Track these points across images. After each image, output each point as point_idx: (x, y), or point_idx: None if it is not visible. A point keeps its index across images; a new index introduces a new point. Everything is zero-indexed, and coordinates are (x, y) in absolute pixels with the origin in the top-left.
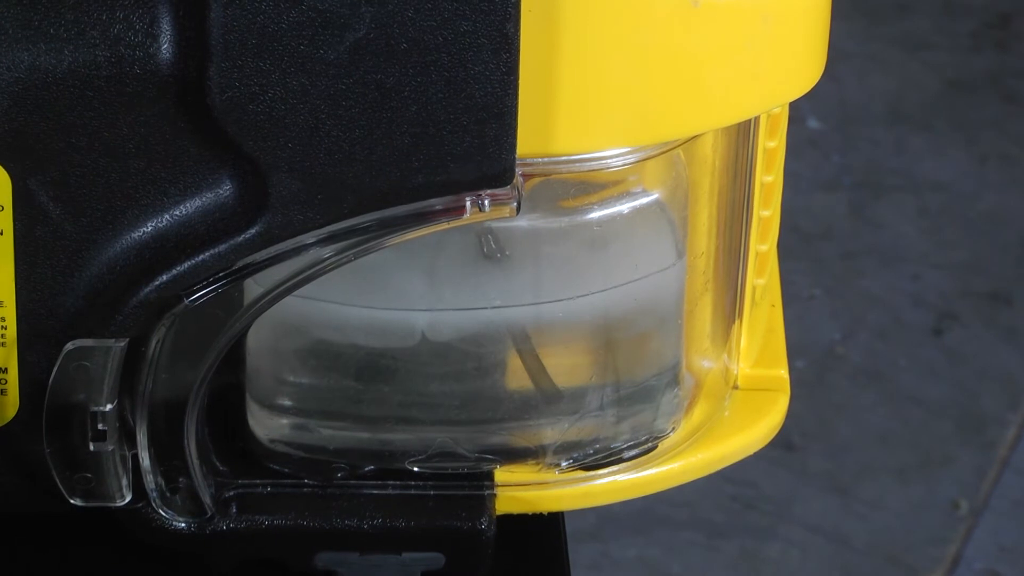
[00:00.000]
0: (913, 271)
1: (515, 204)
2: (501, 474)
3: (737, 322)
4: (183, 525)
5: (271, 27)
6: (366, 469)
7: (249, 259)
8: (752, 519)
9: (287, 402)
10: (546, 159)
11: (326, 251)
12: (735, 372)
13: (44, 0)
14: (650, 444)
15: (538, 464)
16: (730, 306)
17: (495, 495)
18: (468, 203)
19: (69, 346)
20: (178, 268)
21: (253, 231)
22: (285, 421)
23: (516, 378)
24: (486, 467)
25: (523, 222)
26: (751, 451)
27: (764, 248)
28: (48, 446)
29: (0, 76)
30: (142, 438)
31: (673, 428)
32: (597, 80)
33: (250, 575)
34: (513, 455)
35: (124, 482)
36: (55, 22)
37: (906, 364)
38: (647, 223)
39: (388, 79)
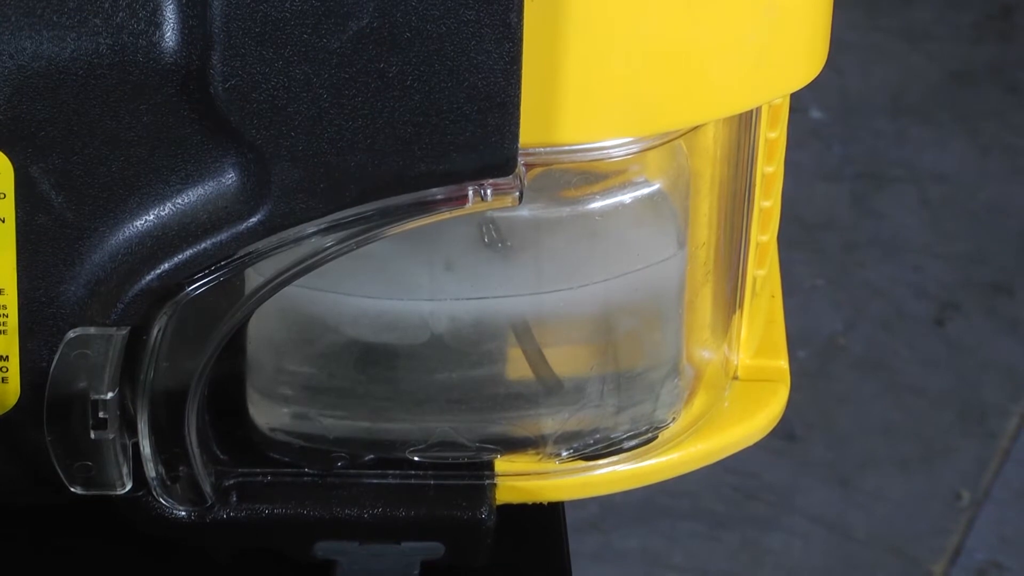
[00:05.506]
0: (915, 262)
1: (517, 194)
2: (501, 464)
3: (737, 313)
4: (183, 514)
5: (274, 15)
6: (366, 458)
7: (251, 248)
8: (754, 509)
9: (287, 391)
10: (548, 149)
11: (328, 240)
12: (735, 363)
13: None
14: (650, 434)
15: (538, 454)
16: (730, 297)
17: (495, 485)
18: (470, 192)
19: (70, 334)
20: (180, 256)
21: (255, 220)
22: (285, 410)
23: (517, 368)
24: (486, 457)
25: (525, 212)
26: (751, 442)
27: (765, 239)
28: (49, 434)
29: (3, 63)
30: (143, 426)
31: (673, 418)
32: (599, 70)
33: (250, 564)
34: (513, 445)
35: (124, 470)
36: (58, 10)
37: (908, 355)
38: (648, 213)
39: (391, 68)
